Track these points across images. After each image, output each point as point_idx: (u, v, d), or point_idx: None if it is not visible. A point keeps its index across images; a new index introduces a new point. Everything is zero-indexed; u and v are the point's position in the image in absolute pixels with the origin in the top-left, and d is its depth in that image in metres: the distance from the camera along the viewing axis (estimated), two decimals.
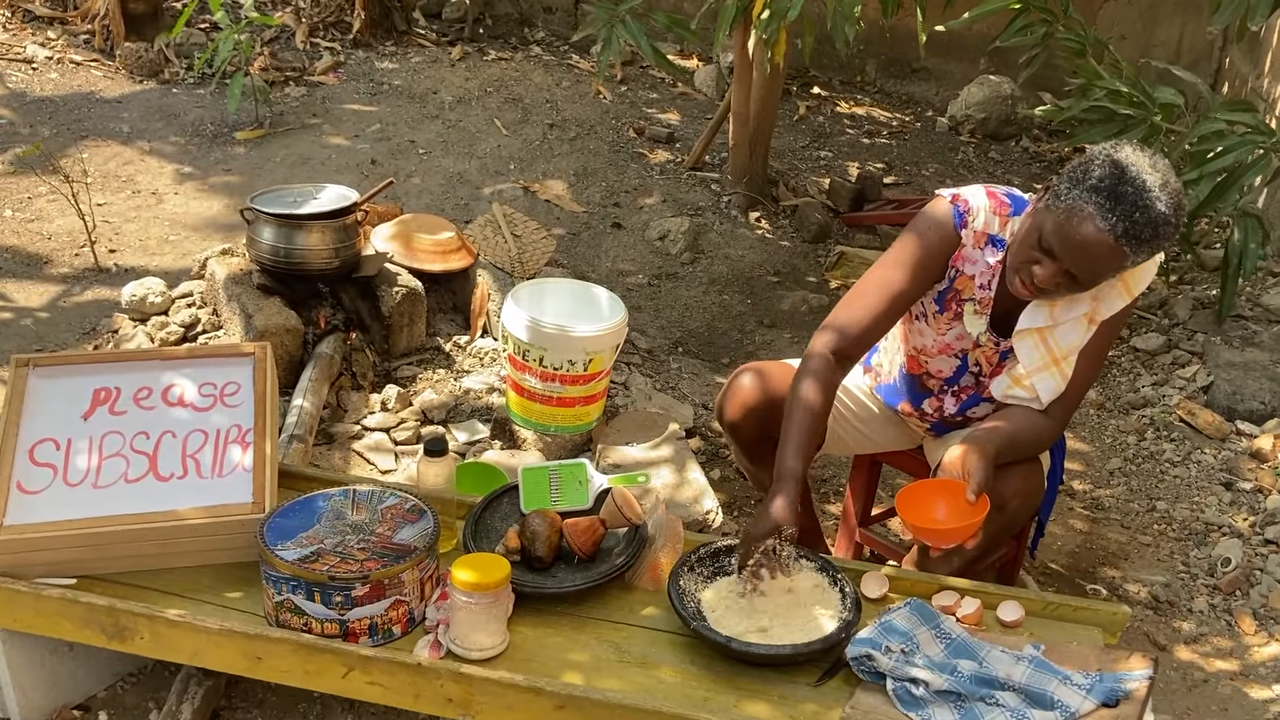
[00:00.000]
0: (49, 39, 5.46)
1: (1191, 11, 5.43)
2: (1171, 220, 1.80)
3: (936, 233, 2.03)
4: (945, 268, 2.05)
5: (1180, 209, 1.81)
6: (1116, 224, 1.78)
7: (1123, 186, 1.78)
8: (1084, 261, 1.83)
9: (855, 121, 5.71)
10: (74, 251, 3.76)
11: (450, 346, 3.19)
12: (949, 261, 2.04)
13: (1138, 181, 1.78)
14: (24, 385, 2.04)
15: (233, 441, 2.05)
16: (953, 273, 2.06)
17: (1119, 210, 1.78)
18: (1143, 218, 1.78)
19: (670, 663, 1.82)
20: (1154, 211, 1.78)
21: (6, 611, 1.88)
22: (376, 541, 1.85)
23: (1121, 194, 1.78)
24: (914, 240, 2.04)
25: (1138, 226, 1.78)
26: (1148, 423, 3.39)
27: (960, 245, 2.03)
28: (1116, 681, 1.70)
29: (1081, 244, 1.81)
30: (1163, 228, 1.80)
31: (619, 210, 4.48)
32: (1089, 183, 1.81)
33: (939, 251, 2.03)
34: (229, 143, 4.71)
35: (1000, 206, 2.02)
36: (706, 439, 3.12)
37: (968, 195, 2.03)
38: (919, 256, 2.03)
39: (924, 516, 1.93)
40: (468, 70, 5.59)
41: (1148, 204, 1.78)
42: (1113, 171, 1.80)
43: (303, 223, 2.88)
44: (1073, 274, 1.86)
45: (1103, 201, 1.79)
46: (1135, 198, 1.78)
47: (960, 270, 2.06)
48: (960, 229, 2.02)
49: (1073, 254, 1.83)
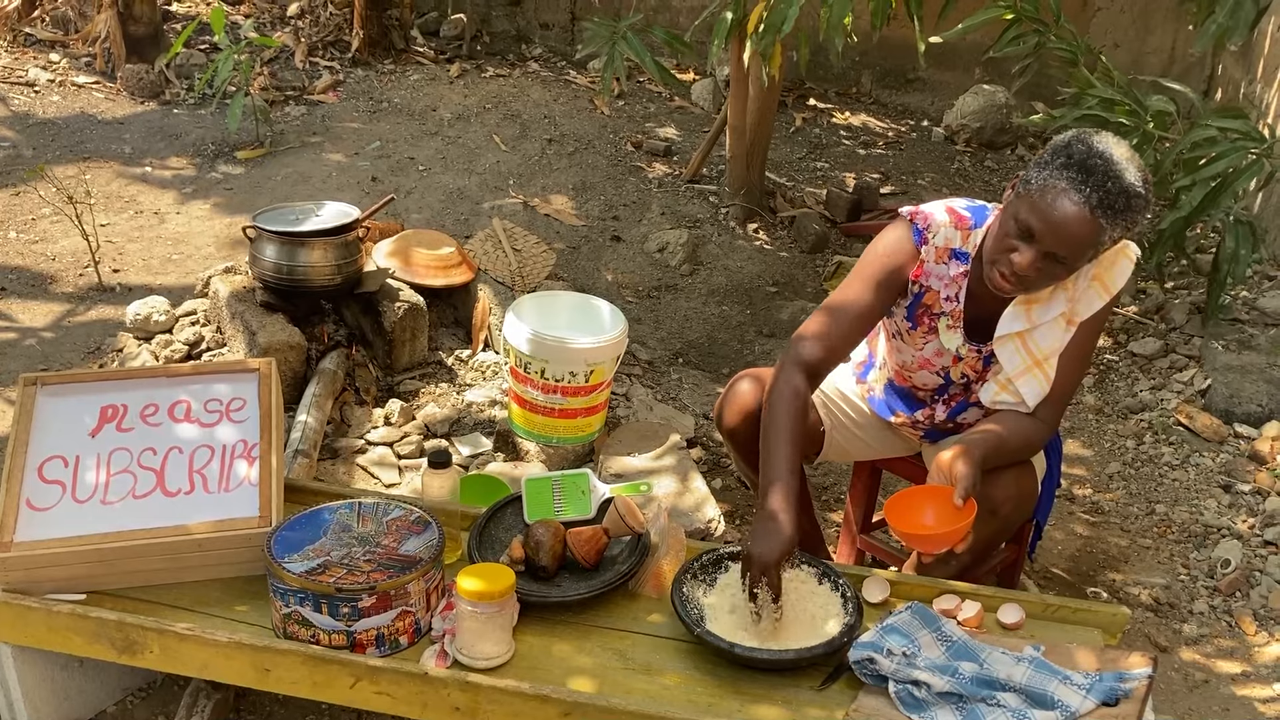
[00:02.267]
0: (51, 62, 5.51)
1: (1184, 19, 5.46)
2: (1141, 191, 1.84)
3: (896, 250, 2.08)
4: (906, 283, 2.09)
5: (1147, 183, 1.86)
6: (1090, 194, 1.83)
7: (1092, 160, 1.84)
8: (1063, 238, 1.86)
9: (851, 132, 5.74)
10: (78, 271, 3.79)
11: (452, 360, 3.21)
12: (910, 276, 2.08)
13: (1106, 155, 1.84)
14: (32, 404, 2.06)
15: (239, 456, 2.07)
16: (917, 288, 2.10)
17: (1091, 181, 1.83)
18: (1115, 187, 1.82)
19: (674, 669, 1.84)
20: (1125, 181, 1.83)
21: (18, 627, 1.90)
22: (382, 553, 1.87)
23: (1092, 166, 1.83)
24: (875, 258, 2.10)
25: (1111, 196, 1.82)
26: (1146, 426, 3.41)
27: (920, 261, 2.07)
28: (1116, 681, 1.72)
29: (1059, 220, 1.85)
30: (1134, 199, 1.84)
31: (618, 223, 4.51)
32: (1058, 161, 1.86)
33: (898, 267, 2.08)
34: (230, 162, 4.74)
35: (960, 221, 2.06)
36: (708, 449, 3.14)
37: (927, 212, 2.08)
38: (879, 275, 2.08)
39: (912, 523, 1.95)
40: (466, 87, 5.63)
41: (1118, 174, 1.83)
42: (1080, 149, 1.86)
43: (305, 240, 2.90)
44: (1053, 254, 1.88)
45: (1075, 175, 1.84)
46: (1105, 168, 1.83)
47: (926, 285, 2.09)
48: (920, 245, 2.07)
49: (1051, 231, 1.86)
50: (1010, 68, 4.05)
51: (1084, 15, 5.62)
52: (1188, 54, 5.55)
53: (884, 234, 2.11)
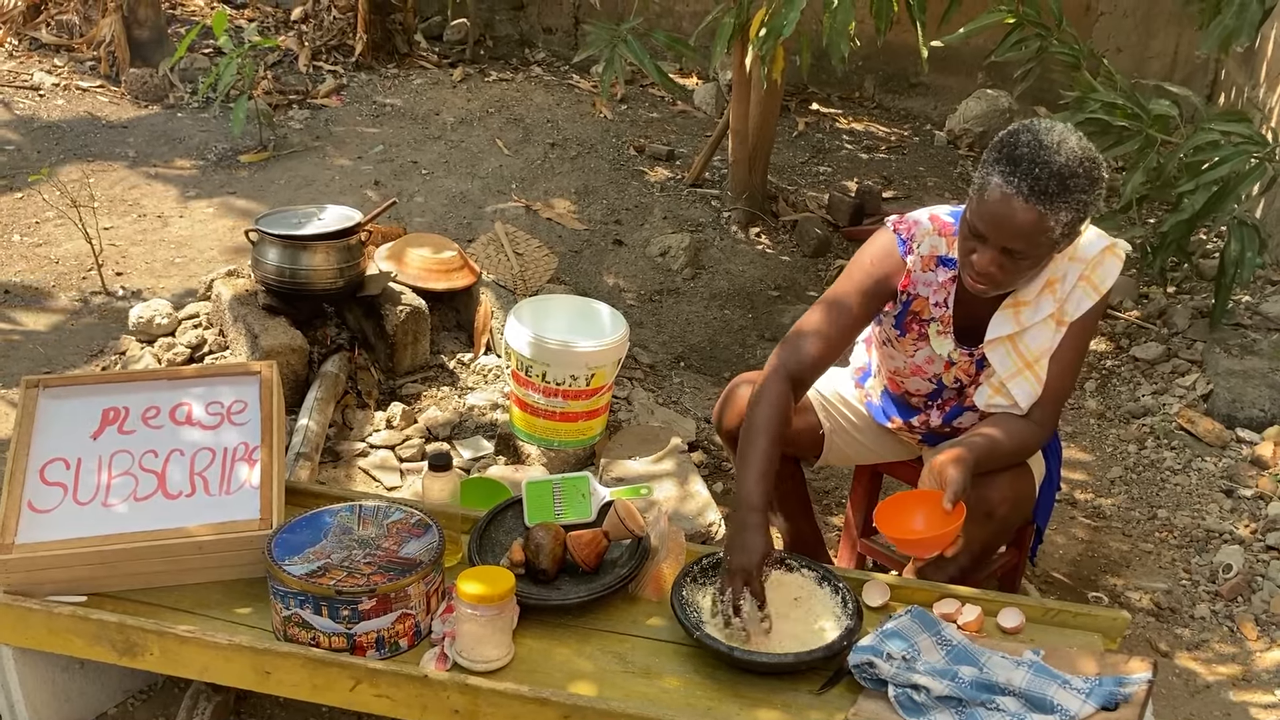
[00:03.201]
0: (55, 66, 5.53)
1: (1186, 23, 5.46)
2: (1078, 172, 1.83)
3: (882, 260, 2.09)
4: (892, 292, 2.10)
5: (1086, 161, 1.84)
6: (1020, 183, 1.82)
7: (1019, 150, 1.84)
8: (1007, 232, 1.86)
9: (854, 136, 5.75)
10: (81, 275, 3.80)
11: (454, 364, 3.21)
12: (897, 286, 2.09)
13: (1033, 143, 1.84)
14: (34, 406, 2.07)
15: (240, 459, 2.07)
16: (905, 297, 2.11)
17: (1019, 170, 1.82)
18: (1043, 172, 1.82)
19: (674, 672, 1.84)
20: (1054, 164, 1.82)
21: (19, 629, 1.90)
22: (383, 556, 1.87)
23: (1018, 156, 1.83)
24: (861, 269, 2.11)
25: (1041, 181, 1.82)
26: (1148, 431, 3.41)
27: (908, 270, 2.07)
28: (1116, 685, 1.72)
29: (996, 214, 1.85)
30: (1070, 180, 1.82)
31: (620, 227, 4.51)
32: (992, 157, 1.87)
33: (885, 276, 2.09)
34: (233, 166, 4.75)
35: (944, 228, 2.07)
36: (709, 453, 3.14)
37: (911, 220, 2.09)
38: (866, 285, 2.09)
39: (901, 527, 1.95)
40: (469, 91, 5.64)
41: (1045, 159, 1.82)
42: (1009, 140, 1.86)
43: (307, 243, 2.91)
44: (1008, 249, 1.88)
45: (1004, 168, 1.84)
46: (1032, 155, 1.82)
47: (914, 294, 2.10)
48: (905, 255, 2.07)
49: (995, 228, 1.87)
50: (1013, 72, 4.06)
51: (1086, 20, 5.62)
52: (1191, 58, 5.55)
53: (869, 244, 2.12)
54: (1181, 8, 5.19)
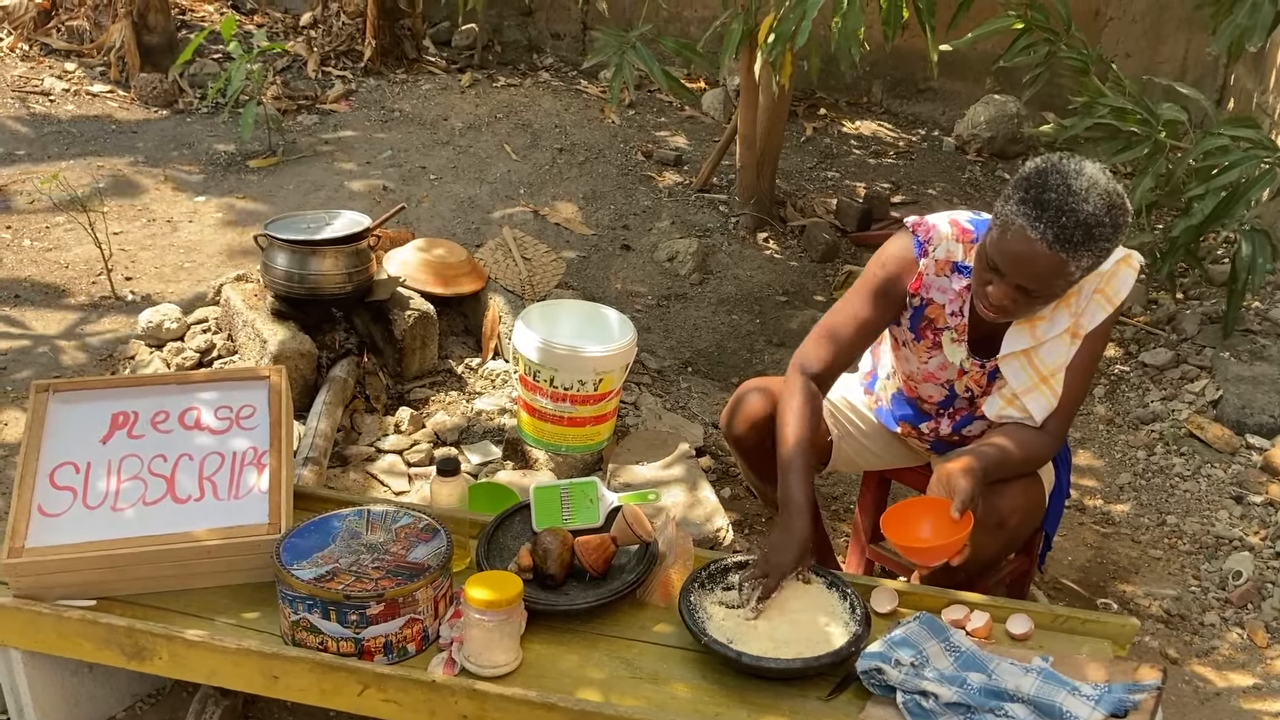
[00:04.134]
0: (66, 71, 5.55)
1: (1195, 28, 5.45)
2: (1104, 221, 1.80)
3: (895, 261, 2.08)
4: (906, 294, 2.09)
5: (1114, 209, 1.81)
6: (1045, 231, 1.80)
7: (1047, 194, 1.80)
8: (1026, 273, 1.85)
9: (862, 142, 5.75)
10: (91, 279, 3.82)
11: (462, 369, 3.22)
12: (909, 288, 2.08)
13: (1061, 187, 1.80)
14: (44, 410, 2.07)
15: (249, 464, 2.08)
16: (918, 300, 2.10)
17: (1045, 217, 1.80)
18: (1070, 221, 1.79)
19: (682, 678, 1.84)
20: (1082, 214, 1.79)
21: (28, 633, 1.91)
22: (391, 560, 1.87)
23: (1046, 201, 1.80)
24: (874, 270, 2.10)
25: (1067, 230, 1.79)
26: (1157, 437, 3.40)
27: (919, 273, 2.06)
28: (1125, 692, 1.71)
29: (1017, 256, 1.84)
30: (1095, 229, 1.80)
31: (628, 232, 4.51)
32: (1017, 196, 1.84)
33: (895, 277, 2.08)
34: (242, 171, 4.77)
35: (963, 234, 2.05)
36: (717, 458, 3.14)
37: (930, 223, 2.07)
38: (880, 285, 2.09)
39: (909, 535, 1.94)
40: (477, 97, 5.65)
41: (1073, 207, 1.79)
42: (1037, 181, 1.83)
43: (316, 248, 2.92)
44: (1023, 288, 1.87)
45: (1029, 211, 1.81)
46: (1060, 203, 1.79)
47: (928, 298, 2.09)
48: (920, 257, 2.06)
49: (1014, 268, 1.85)
50: (1021, 77, 4.05)
51: (1095, 25, 5.61)
52: (1199, 64, 5.54)
53: (886, 245, 2.12)
54: (1191, 11, 5.19)
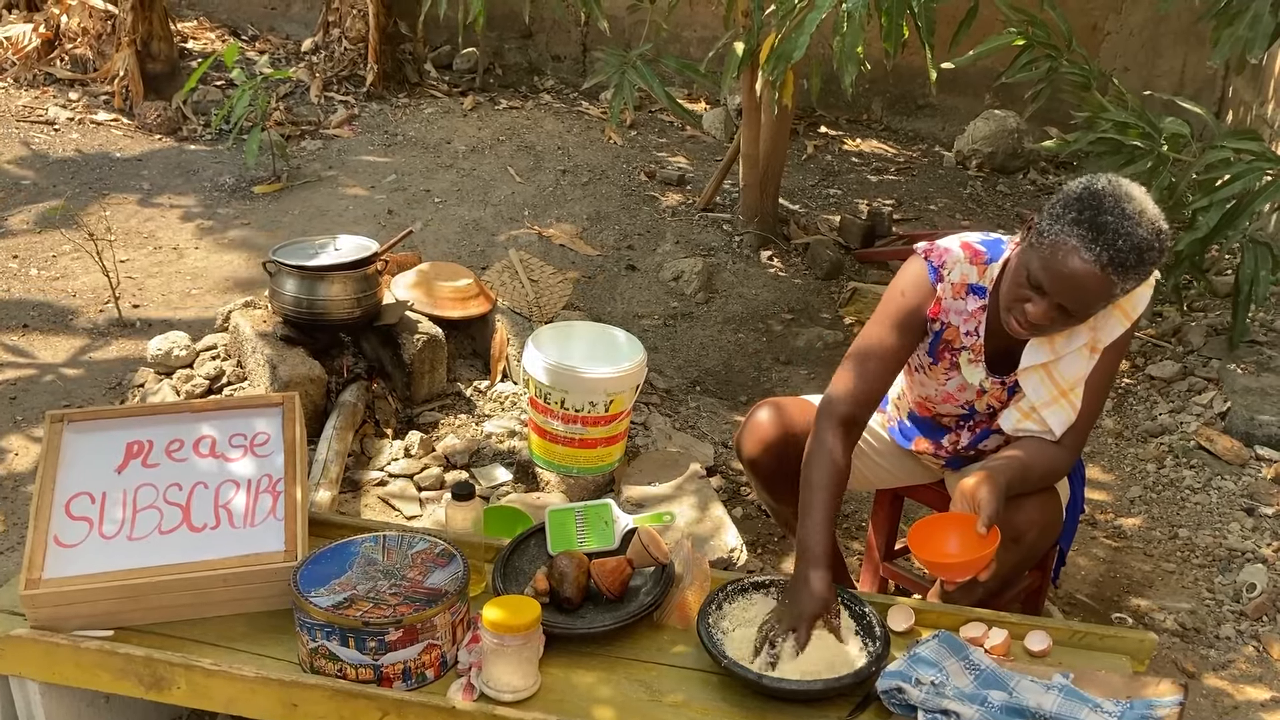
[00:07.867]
0: (70, 100, 5.58)
1: (1194, 42, 5.49)
2: (1154, 245, 1.82)
3: (913, 289, 2.08)
4: (927, 320, 2.09)
5: (1161, 233, 1.83)
6: (1101, 254, 1.81)
7: (1102, 217, 1.81)
8: (1074, 294, 1.86)
9: (863, 159, 5.77)
10: (98, 307, 3.83)
11: (471, 392, 3.22)
12: (929, 314, 2.08)
13: (1116, 210, 1.81)
14: (59, 440, 2.07)
15: (264, 491, 2.07)
16: (937, 325, 2.10)
17: (1102, 240, 1.80)
18: (1125, 244, 1.80)
19: (701, 700, 1.83)
20: (1136, 238, 1.80)
21: (46, 664, 1.90)
22: (408, 586, 1.87)
23: (1102, 224, 1.81)
24: (893, 300, 2.10)
25: (1122, 254, 1.80)
26: (1166, 450, 3.40)
27: (938, 298, 2.07)
28: (1148, 709, 1.71)
29: (1069, 277, 1.84)
30: (1147, 253, 1.82)
31: (633, 253, 4.53)
32: (1069, 216, 1.84)
33: (916, 306, 2.08)
34: (247, 197, 4.78)
35: (975, 255, 2.06)
36: (727, 477, 3.14)
37: (942, 248, 2.08)
38: (899, 317, 2.08)
39: (936, 551, 1.94)
40: (480, 119, 5.68)
41: (1129, 231, 1.80)
42: (1092, 203, 1.83)
43: (324, 274, 2.93)
44: (1064, 307, 1.88)
45: (1085, 233, 1.81)
46: (1116, 226, 1.80)
47: (946, 322, 2.09)
48: (936, 282, 2.07)
49: (1062, 288, 1.86)
50: (1022, 92, 4.08)
51: (1093, 39, 5.64)
52: (1198, 77, 5.57)
53: (901, 274, 2.12)
54: (1189, 26, 5.22)
